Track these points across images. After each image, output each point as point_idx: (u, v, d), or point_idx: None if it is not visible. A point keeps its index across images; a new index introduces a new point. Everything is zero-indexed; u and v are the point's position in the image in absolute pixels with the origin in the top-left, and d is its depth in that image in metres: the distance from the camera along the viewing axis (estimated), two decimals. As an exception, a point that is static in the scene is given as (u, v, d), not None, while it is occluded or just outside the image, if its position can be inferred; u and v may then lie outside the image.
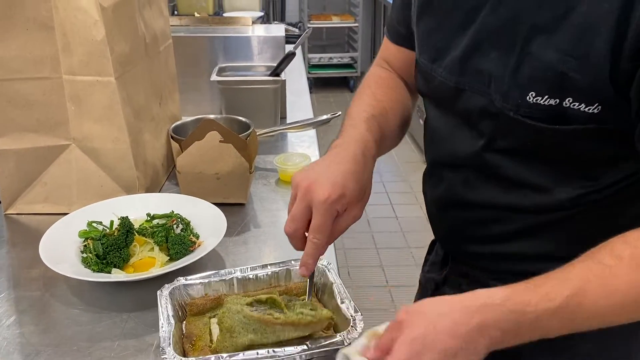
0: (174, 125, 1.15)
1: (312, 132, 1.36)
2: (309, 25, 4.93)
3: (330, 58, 5.17)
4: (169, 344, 0.62)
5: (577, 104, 0.59)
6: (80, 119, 0.97)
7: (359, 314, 0.66)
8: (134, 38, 0.99)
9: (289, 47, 1.41)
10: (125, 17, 0.95)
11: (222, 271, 0.74)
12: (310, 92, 5.16)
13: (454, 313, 0.52)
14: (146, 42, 1.05)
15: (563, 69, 0.58)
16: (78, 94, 0.95)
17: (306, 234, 0.66)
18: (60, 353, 0.69)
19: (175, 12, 3.04)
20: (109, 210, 0.91)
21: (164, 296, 0.69)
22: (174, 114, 1.24)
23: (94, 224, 0.87)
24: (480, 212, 0.73)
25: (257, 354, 0.61)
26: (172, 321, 0.65)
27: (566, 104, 0.59)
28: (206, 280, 0.73)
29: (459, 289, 0.78)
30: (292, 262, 0.76)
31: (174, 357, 0.60)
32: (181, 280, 0.72)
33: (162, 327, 0.64)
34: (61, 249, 0.82)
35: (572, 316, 0.53)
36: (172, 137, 1.10)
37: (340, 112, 1.23)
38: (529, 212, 0.69)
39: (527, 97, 0.61)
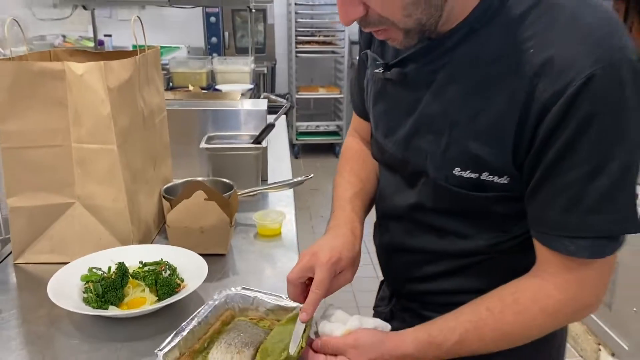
0: (165, 186, 1.31)
1: (289, 192, 1.53)
2: (297, 96, 5.22)
3: (317, 126, 5.45)
4: None
5: (491, 177, 0.75)
6: (85, 181, 1.13)
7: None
8: (134, 113, 1.17)
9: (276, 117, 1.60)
10: (128, 96, 1.13)
11: (183, 326, 0.82)
12: (298, 158, 5.38)
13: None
14: (144, 115, 1.23)
15: (479, 153, 0.74)
16: (84, 159, 1.12)
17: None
18: (63, 375, 0.82)
19: (171, 84, 3.27)
20: (107, 259, 1.05)
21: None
22: (166, 177, 1.40)
23: (94, 270, 1.01)
24: (418, 256, 0.89)
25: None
26: None
27: (483, 177, 0.75)
28: (174, 343, 0.79)
29: (403, 321, 0.93)
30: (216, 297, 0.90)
31: None
32: (159, 355, 0.77)
33: None
34: (65, 290, 0.96)
35: (455, 353, 0.76)
36: (163, 197, 1.26)
37: (312, 175, 1.41)
38: (456, 255, 0.84)
39: (454, 171, 0.77)
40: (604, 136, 0.65)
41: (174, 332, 0.81)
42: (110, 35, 5.26)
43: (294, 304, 0.87)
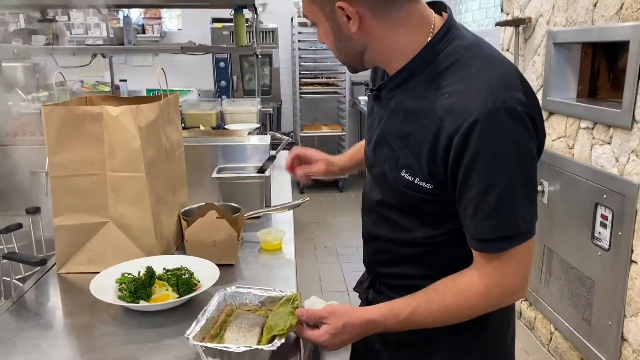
0: (183, 209, 1.54)
1: (289, 215, 1.76)
2: (301, 134, 5.49)
3: (322, 162, 5.69)
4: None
5: (421, 182, 0.97)
6: (117, 203, 1.36)
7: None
8: (159, 147, 1.41)
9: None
10: (154, 133, 1.38)
11: (199, 317, 1.03)
12: (303, 192, 5.59)
13: (355, 326, 0.98)
14: (166, 149, 1.47)
15: (410, 163, 0.97)
16: (117, 185, 1.35)
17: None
18: (104, 351, 1.03)
19: (183, 125, 3.54)
20: (137, 266, 1.27)
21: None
22: (183, 202, 1.63)
23: (126, 274, 1.23)
24: (381, 244, 1.12)
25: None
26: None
27: (416, 181, 0.97)
28: (198, 329, 0.99)
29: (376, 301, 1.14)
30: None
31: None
32: (189, 337, 0.97)
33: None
34: (104, 290, 1.18)
35: (410, 323, 0.98)
36: (182, 218, 1.48)
37: (308, 198, 1.63)
38: (403, 244, 1.07)
39: (401, 173, 1.00)
40: (488, 164, 0.88)
41: (194, 321, 1.02)
42: (125, 80, 5.60)
43: (282, 294, 1.08)
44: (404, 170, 0.99)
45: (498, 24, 3.16)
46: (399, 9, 0.94)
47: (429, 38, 0.96)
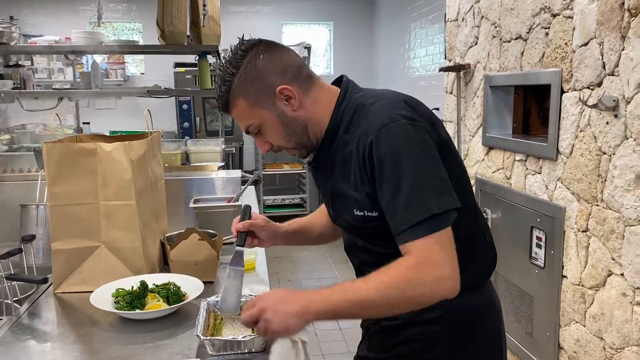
0: (167, 235, 1.72)
1: (260, 240, 1.94)
2: (263, 172, 5.71)
3: (283, 199, 5.91)
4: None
5: (369, 213, 1.14)
6: (109, 229, 1.53)
7: None
8: (146, 178, 1.60)
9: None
10: (143, 165, 1.56)
11: (197, 323, 1.20)
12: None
13: (285, 290, 1.12)
14: (152, 181, 1.65)
15: (356, 198, 1.15)
16: (109, 213, 1.52)
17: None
18: (108, 352, 1.19)
19: (151, 164, 3.69)
20: (129, 283, 1.43)
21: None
22: (164, 229, 1.81)
23: (120, 289, 1.39)
24: (363, 268, 1.26)
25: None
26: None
27: (365, 213, 1.15)
28: (201, 329, 1.16)
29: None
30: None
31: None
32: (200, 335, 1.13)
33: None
34: (102, 303, 1.34)
35: (346, 292, 1.07)
36: (166, 242, 1.65)
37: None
38: (376, 264, 1.18)
39: (354, 212, 1.17)
40: (390, 168, 1.07)
41: (196, 325, 1.18)
42: (88, 123, 5.71)
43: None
44: (355, 208, 1.18)
45: (441, 69, 3.50)
46: (314, 83, 1.20)
47: (337, 99, 1.21)
